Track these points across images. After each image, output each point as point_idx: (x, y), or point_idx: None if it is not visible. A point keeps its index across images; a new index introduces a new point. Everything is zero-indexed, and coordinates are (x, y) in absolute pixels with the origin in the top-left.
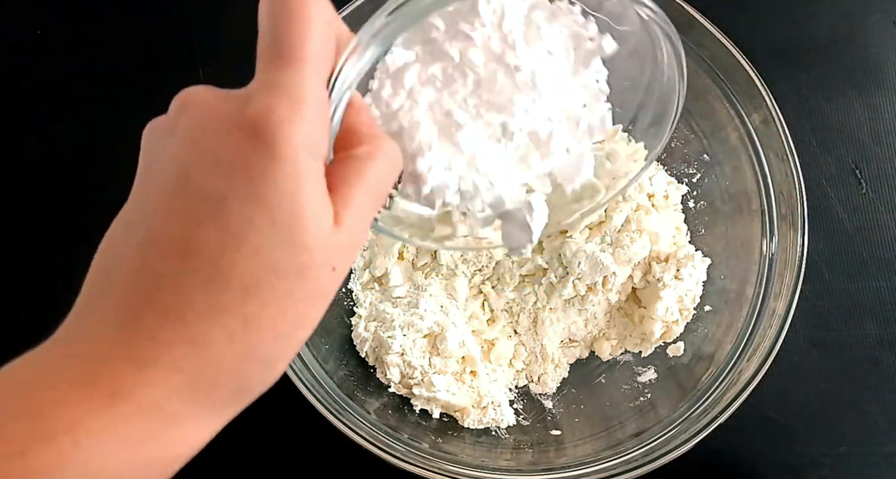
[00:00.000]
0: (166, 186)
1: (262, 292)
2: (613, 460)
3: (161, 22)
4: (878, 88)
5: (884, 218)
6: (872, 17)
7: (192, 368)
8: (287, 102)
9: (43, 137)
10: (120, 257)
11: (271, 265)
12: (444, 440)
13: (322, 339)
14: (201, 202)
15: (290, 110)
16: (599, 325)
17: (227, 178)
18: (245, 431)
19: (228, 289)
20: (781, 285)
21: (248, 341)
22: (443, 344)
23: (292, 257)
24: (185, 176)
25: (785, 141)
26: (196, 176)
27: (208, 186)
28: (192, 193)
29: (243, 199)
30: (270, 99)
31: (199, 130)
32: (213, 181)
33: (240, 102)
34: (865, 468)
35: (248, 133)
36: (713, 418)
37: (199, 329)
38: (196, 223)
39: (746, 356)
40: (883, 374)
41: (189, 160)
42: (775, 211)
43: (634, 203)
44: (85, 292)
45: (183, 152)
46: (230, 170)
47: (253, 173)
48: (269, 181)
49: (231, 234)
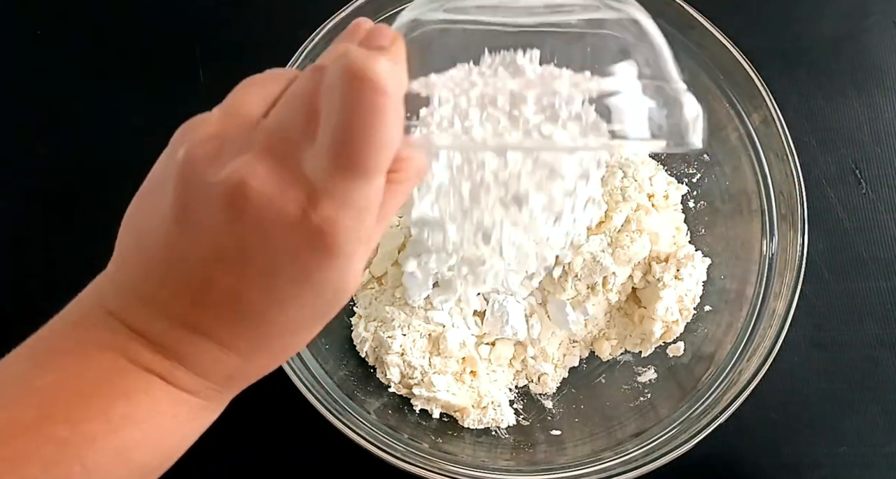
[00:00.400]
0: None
1: (291, 337)
2: (613, 460)
3: (161, 22)
4: (878, 88)
5: (884, 218)
6: (872, 17)
7: (212, 374)
8: (353, 212)
9: (43, 137)
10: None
11: (311, 315)
12: (444, 440)
13: (322, 339)
14: (256, 274)
15: (355, 220)
16: (599, 325)
17: (284, 265)
18: (245, 431)
19: (260, 332)
20: (781, 285)
21: (266, 361)
22: (443, 344)
23: (331, 308)
24: (240, 249)
25: (785, 141)
26: (252, 253)
27: (262, 264)
28: (246, 263)
29: (296, 282)
30: (337, 211)
31: (259, 221)
32: (268, 261)
33: (302, 200)
34: (865, 468)
35: (311, 238)
36: (713, 418)
37: (223, 352)
38: (247, 287)
39: (746, 356)
40: (883, 374)
41: (245, 238)
42: (775, 211)
43: (634, 203)
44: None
45: (240, 229)
46: (287, 261)
47: (309, 267)
48: (321, 273)
49: (278, 302)
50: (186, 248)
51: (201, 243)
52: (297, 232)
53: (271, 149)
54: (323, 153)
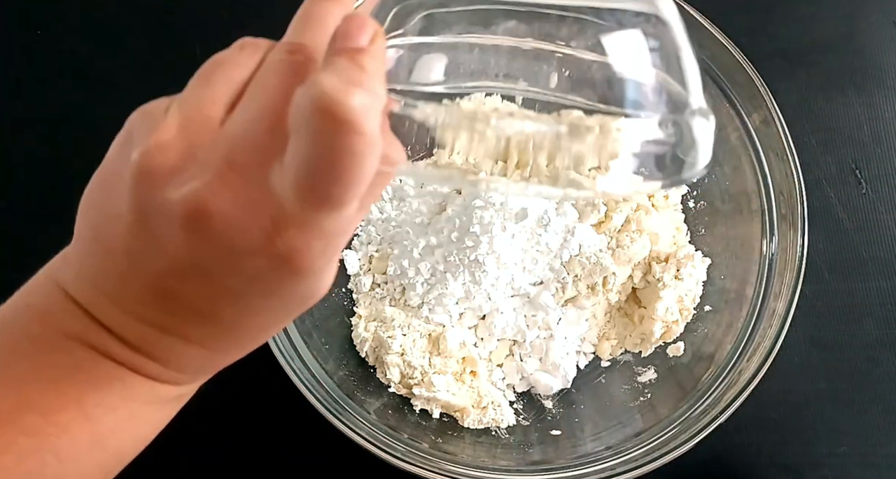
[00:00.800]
0: (183, 261)
1: (274, 328)
2: (613, 460)
3: (161, 23)
4: (878, 88)
5: (884, 218)
6: (872, 17)
7: (184, 367)
8: (322, 239)
9: (43, 137)
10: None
11: (284, 317)
12: (444, 440)
13: (322, 339)
14: (222, 291)
15: (325, 244)
16: (599, 325)
17: (250, 283)
18: (245, 431)
19: (242, 336)
20: (781, 285)
21: (254, 344)
22: (443, 344)
23: (305, 307)
24: (203, 269)
25: (785, 141)
26: (216, 273)
27: (228, 283)
28: (210, 282)
29: (264, 296)
30: (305, 239)
31: (219, 245)
32: (234, 281)
33: (267, 226)
34: (865, 468)
35: (278, 264)
36: (713, 418)
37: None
38: (215, 299)
39: (746, 356)
40: (883, 374)
41: (208, 259)
42: (775, 211)
43: (634, 203)
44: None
45: (203, 251)
46: (254, 280)
47: (278, 285)
48: (291, 288)
49: (248, 311)
50: (146, 257)
51: (161, 257)
52: (263, 257)
53: (234, 165)
54: (290, 179)
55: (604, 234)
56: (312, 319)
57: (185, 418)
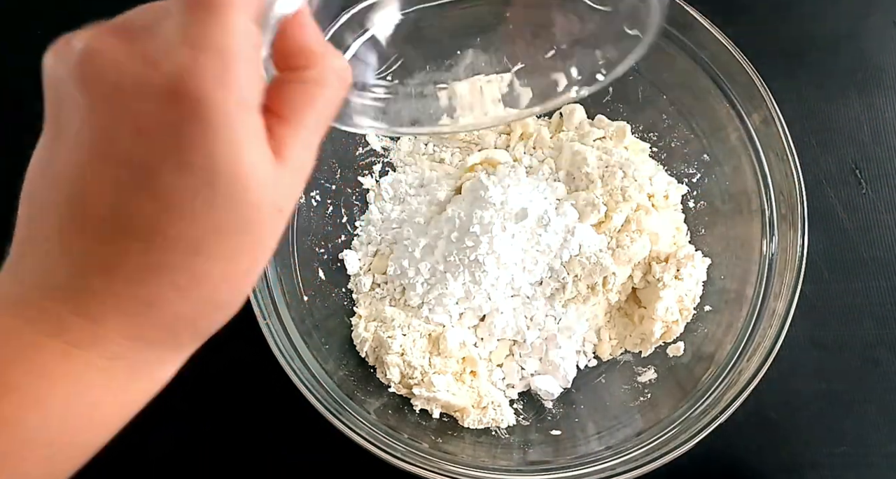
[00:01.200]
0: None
1: (209, 249)
2: (613, 460)
3: None
4: (878, 88)
5: (884, 218)
6: (872, 17)
7: (147, 322)
8: (215, 59)
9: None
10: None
11: (213, 227)
12: (444, 440)
13: (322, 339)
14: (131, 172)
15: (219, 69)
16: (599, 325)
17: (155, 147)
18: (245, 431)
19: (172, 252)
20: (781, 285)
21: (201, 293)
22: (443, 344)
23: (235, 215)
24: (107, 142)
25: (785, 141)
26: (120, 144)
27: (135, 155)
28: (119, 162)
29: (176, 169)
30: (195, 58)
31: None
32: (140, 151)
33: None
34: (865, 468)
35: (170, 98)
36: (713, 418)
37: (146, 288)
38: (128, 193)
39: (746, 356)
40: (882, 374)
41: (108, 126)
42: (775, 211)
43: (634, 203)
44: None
45: (100, 117)
46: (156, 139)
47: (182, 143)
48: (202, 150)
49: (166, 204)
50: (59, 166)
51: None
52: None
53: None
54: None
55: (604, 234)
56: (312, 319)
57: (185, 417)
